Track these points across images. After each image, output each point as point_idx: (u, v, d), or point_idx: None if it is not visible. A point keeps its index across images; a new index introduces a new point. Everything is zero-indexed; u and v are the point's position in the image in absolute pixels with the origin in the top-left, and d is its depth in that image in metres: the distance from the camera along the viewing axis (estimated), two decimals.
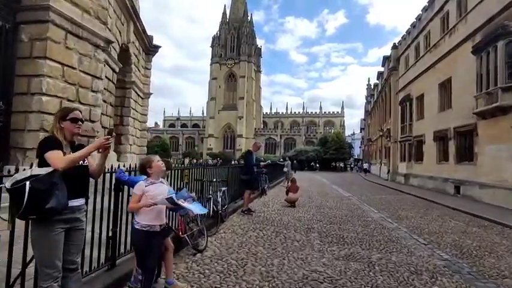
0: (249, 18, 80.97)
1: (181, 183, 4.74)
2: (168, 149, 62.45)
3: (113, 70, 9.80)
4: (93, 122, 7.90)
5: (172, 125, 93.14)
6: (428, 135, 17.55)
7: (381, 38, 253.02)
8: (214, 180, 6.46)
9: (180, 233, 4.13)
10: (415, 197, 13.77)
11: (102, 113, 8.71)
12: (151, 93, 15.21)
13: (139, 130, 14.66)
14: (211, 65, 79.08)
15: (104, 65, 8.50)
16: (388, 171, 26.08)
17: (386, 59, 28.63)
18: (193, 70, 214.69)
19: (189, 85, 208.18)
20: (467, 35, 13.46)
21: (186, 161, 36.84)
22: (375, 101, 39.21)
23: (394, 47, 25.12)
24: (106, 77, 9.10)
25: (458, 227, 7.48)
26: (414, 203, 11.96)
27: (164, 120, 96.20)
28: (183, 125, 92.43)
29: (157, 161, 2.90)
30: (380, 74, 34.29)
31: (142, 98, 14.71)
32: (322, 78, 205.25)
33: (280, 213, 8.25)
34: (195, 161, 39.39)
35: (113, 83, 10.05)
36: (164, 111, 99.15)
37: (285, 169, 17.09)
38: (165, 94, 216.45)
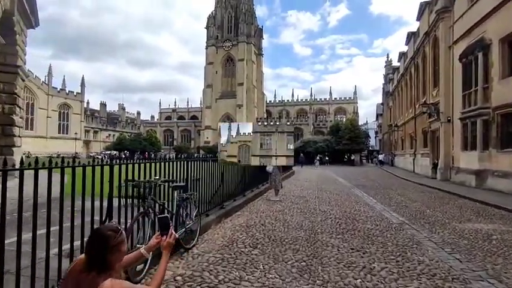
0: None
1: None
2: (157, 142, 54.98)
3: None
4: None
5: (168, 118, 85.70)
6: None
7: (386, 29, 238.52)
8: None
9: None
10: None
11: None
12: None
13: None
14: (206, 48, 70.60)
15: None
16: (434, 164, 17.77)
17: (427, 4, 19.97)
18: (198, 66, 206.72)
19: (195, 81, 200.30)
20: None
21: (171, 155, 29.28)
22: (401, 74, 30.51)
23: None
24: None
25: None
26: None
27: (160, 113, 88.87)
28: (180, 117, 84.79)
29: None
30: (411, 35, 25.56)
31: None
32: (327, 70, 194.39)
33: None
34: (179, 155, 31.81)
35: None
36: (160, 103, 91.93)
37: (269, 168, 8.75)
38: (173, 92, 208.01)
